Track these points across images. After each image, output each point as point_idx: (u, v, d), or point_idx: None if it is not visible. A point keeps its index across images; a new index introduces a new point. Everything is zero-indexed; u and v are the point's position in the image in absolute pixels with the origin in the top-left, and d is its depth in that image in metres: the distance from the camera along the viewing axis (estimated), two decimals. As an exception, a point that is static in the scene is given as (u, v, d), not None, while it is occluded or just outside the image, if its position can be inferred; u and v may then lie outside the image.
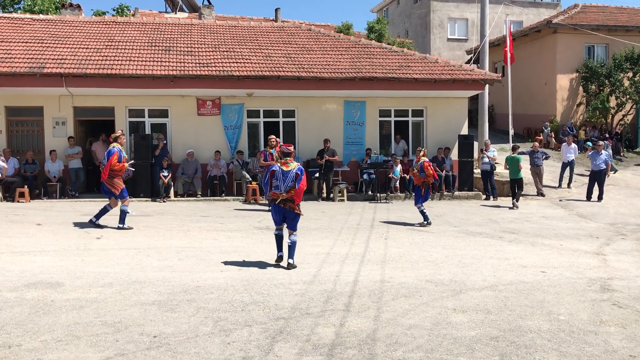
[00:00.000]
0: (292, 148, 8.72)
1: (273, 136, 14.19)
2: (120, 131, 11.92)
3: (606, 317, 6.24)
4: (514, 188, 15.84)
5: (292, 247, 8.34)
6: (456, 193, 17.56)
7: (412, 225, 12.44)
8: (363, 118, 18.35)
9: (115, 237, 10.44)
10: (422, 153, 13.07)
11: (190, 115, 17.45)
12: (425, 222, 12.46)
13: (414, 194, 13.17)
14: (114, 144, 11.34)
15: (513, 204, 15.64)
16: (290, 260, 8.28)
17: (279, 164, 8.52)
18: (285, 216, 8.43)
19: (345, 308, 6.40)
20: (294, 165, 8.45)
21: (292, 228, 8.45)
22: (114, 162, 11.06)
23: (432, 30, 35.69)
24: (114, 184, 11.16)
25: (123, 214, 11.19)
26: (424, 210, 12.60)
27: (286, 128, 18.25)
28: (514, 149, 16.74)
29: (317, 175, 16.88)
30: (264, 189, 8.65)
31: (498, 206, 16.01)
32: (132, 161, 12.69)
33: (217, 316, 5.99)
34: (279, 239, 8.56)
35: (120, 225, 11.11)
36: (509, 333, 5.70)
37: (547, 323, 6.01)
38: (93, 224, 11.22)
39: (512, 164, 15.95)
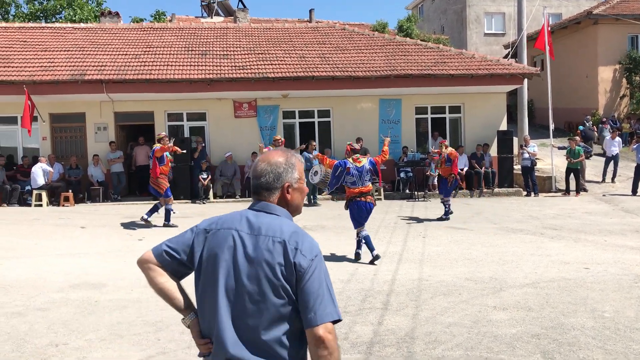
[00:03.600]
0: (358, 145, 9.17)
1: (278, 136, 14.44)
2: (162, 133, 12.60)
3: (653, 314, 6.06)
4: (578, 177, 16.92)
5: (368, 242, 8.69)
6: (496, 190, 17.27)
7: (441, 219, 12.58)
8: (399, 116, 18.23)
9: (156, 238, 10.63)
10: (444, 147, 13.29)
11: (228, 118, 17.65)
12: (445, 217, 12.69)
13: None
14: (157, 143, 12.13)
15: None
16: (373, 253, 8.62)
17: (351, 161, 8.79)
18: (364, 211, 8.73)
19: (383, 306, 6.38)
20: (365, 160, 8.78)
21: (364, 222, 8.84)
22: (157, 153, 11.84)
23: (469, 26, 35.22)
24: (159, 184, 11.85)
25: (167, 213, 11.99)
26: (449, 206, 12.82)
27: (321, 128, 18.28)
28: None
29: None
30: (330, 184, 8.87)
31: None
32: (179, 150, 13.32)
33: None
34: (368, 239, 8.71)
35: (166, 223, 11.94)
36: (551, 330, 5.58)
37: (591, 320, 5.86)
38: (145, 220, 11.89)
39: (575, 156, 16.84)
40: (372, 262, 8.52)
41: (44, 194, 15.41)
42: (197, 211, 14.34)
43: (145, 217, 11.88)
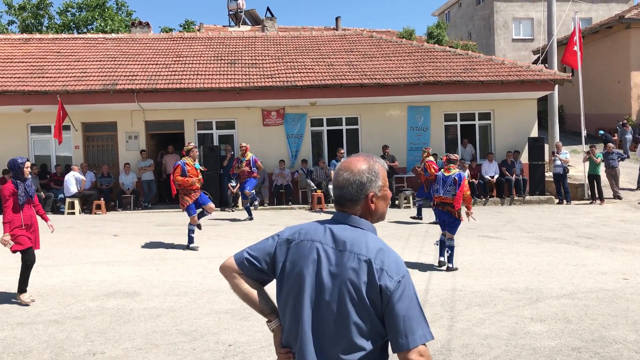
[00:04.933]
0: (457, 156, 9.38)
1: (243, 144, 14.33)
2: (192, 144, 11.07)
3: (698, 327, 5.87)
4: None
5: (450, 253, 8.67)
6: (527, 197, 17.03)
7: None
8: (427, 123, 18.11)
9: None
10: (425, 154, 13.93)
11: (256, 126, 17.75)
12: (417, 217, 13.77)
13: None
14: (185, 157, 10.69)
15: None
16: (450, 265, 8.61)
17: (442, 170, 9.12)
18: (445, 220, 8.86)
19: (418, 317, 6.29)
20: (454, 172, 8.93)
21: (451, 232, 8.80)
22: (175, 176, 10.36)
23: (496, 31, 34.91)
24: (181, 199, 10.44)
25: (189, 234, 10.39)
26: (421, 206, 13.89)
27: (349, 135, 18.27)
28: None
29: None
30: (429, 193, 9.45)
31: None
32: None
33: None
34: (441, 244, 8.93)
35: (187, 245, 10.39)
36: (591, 343, 5.45)
37: (634, 333, 5.71)
38: (189, 248, 10.32)
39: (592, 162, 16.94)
40: (439, 264, 8.87)
41: (76, 202, 15.67)
42: (226, 219, 14.41)
43: (189, 244, 10.37)
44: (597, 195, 16.57)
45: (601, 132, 23.18)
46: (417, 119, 18.12)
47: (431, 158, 13.75)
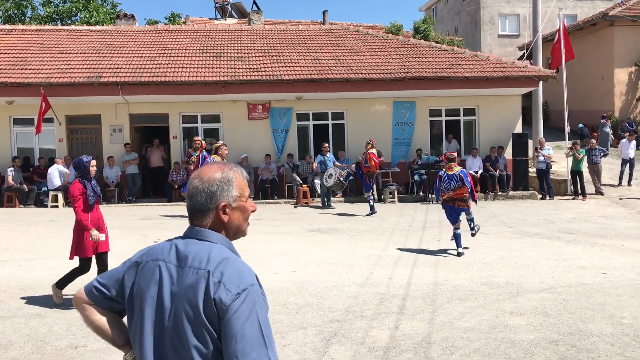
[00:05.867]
0: (455, 154, 9.81)
1: (198, 138, 13.39)
2: (220, 142, 10.49)
3: (673, 321, 5.99)
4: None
5: (471, 220, 9.62)
6: (511, 193, 17.18)
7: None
8: (413, 118, 18.19)
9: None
10: (369, 145, 13.96)
11: (242, 120, 17.71)
12: (371, 213, 13.60)
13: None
14: (213, 154, 10.36)
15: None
16: (474, 227, 9.57)
17: (444, 169, 9.58)
18: (457, 213, 9.45)
19: (399, 311, 6.37)
20: (457, 169, 9.39)
21: (468, 215, 9.57)
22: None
23: (483, 27, 35.09)
24: None
25: None
26: (371, 201, 13.69)
27: (335, 130, 18.30)
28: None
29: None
30: (435, 194, 10.08)
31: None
32: None
33: (272, 318, 6.06)
34: (457, 237, 9.38)
35: None
36: (569, 336, 5.55)
37: (610, 327, 5.82)
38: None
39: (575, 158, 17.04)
40: (458, 254, 9.30)
41: (60, 195, 15.56)
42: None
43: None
44: (579, 191, 16.76)
45: (580, 125, 23.48)
46: (403, 114, 18.19)
47: (373, 150, 13.86)
